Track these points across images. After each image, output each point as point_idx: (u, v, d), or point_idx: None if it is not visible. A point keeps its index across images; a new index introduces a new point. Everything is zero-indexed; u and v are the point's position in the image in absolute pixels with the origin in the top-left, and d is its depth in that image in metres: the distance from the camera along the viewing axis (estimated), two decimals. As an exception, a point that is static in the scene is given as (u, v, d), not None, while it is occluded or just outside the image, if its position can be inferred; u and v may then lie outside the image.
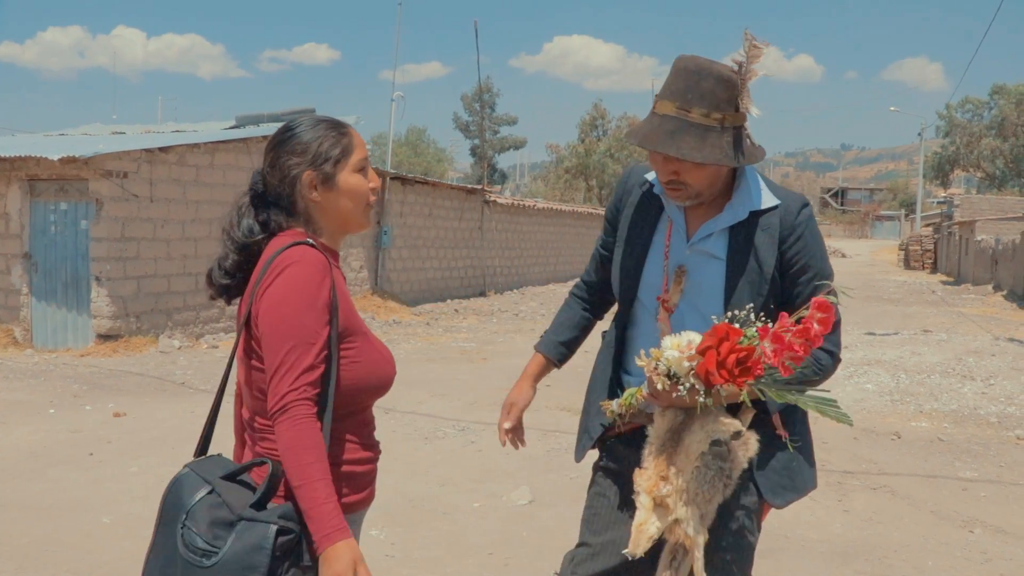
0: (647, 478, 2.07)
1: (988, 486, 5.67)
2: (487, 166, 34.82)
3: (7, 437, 6.54)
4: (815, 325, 1.89)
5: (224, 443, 2.08)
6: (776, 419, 2.19)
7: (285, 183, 1.94)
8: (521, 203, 25.01)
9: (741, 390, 1.94)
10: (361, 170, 1.98)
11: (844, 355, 9.04)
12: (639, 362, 2.09)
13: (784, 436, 2.20)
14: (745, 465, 2.10)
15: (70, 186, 11.14)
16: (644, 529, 2.05)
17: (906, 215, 67.13)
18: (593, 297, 2.58)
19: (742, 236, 2.17)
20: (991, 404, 8.20)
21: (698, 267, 2.20)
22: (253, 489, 1.81)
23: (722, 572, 2.17)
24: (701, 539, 2.05)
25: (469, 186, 22.42)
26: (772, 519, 4.93)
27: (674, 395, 2.01)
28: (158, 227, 11.66)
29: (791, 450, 2.21)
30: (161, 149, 11.68)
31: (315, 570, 1.74)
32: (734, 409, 2.13)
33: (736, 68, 2.05)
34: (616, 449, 2.38)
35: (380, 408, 7.85)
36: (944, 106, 53.01)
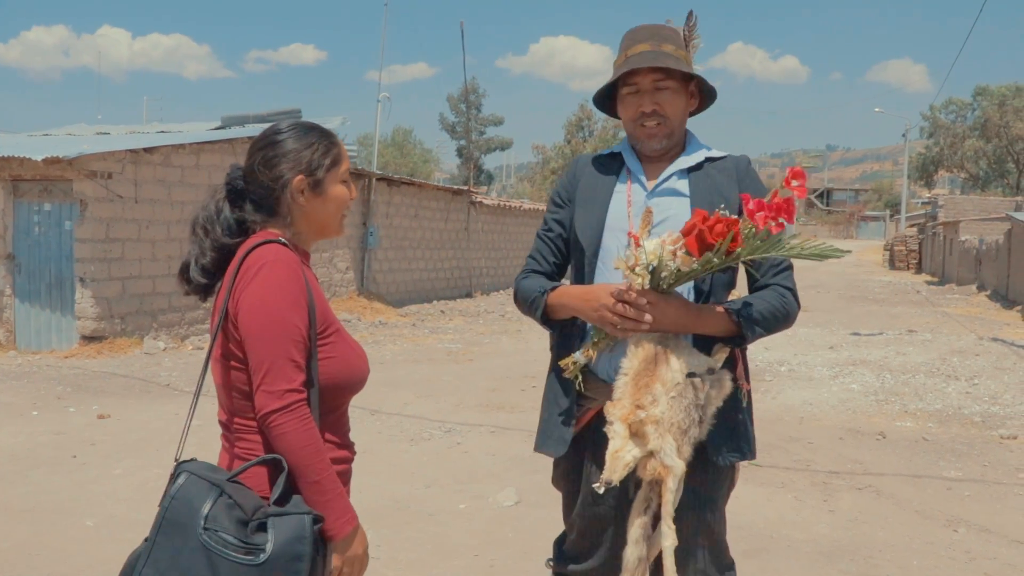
0: (622, 407, 2.08)
1: (972, 485, 5.70)
2: (473, 167, 34.83)
3: (-11, 440, 6.48)
4: (793, 193, 2.03)
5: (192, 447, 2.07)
6: (740, 369, 2.26)
7: (276, 185, 1.97)
8: (507, 204, 25.01)
9: (734, 253, 2.03)
10: (345, 180, 2.04)
11: (829, 355, 9.07)
12: (616, 263, 2.17)
13: (745, 387, 2.26)
14: (719, 403, 2.16)
15: (54, 187, 11.07)
16: (620, 456, 2.04)
17: (891, 215, 67.53)
18: (548, 277, 2.48)
19: (702, 176, 2.34)
20: (975, 404, 8.25)
21: (664, 205, 2.31)
22: (247, 488, 1.84)
23: (698, 534, 2.26)
24: (678, 469, 2.06)
25: (455, 187, 22.39)
26: (757, 519, 4.94)
27: (664, 284, 2.09)
28: (143, 228, 11.60)
29: (745, 404, 2.29)
30: (146, 150, 11.62)
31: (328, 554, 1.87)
32: (707, 349, 2.20)
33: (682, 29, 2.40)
34: (574, 458, 2.38)
35: (366, 410, 7.80)
36: (928, 107, 53.37)
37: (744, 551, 4.48)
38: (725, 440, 2.25)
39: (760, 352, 11.39)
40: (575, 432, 2.33)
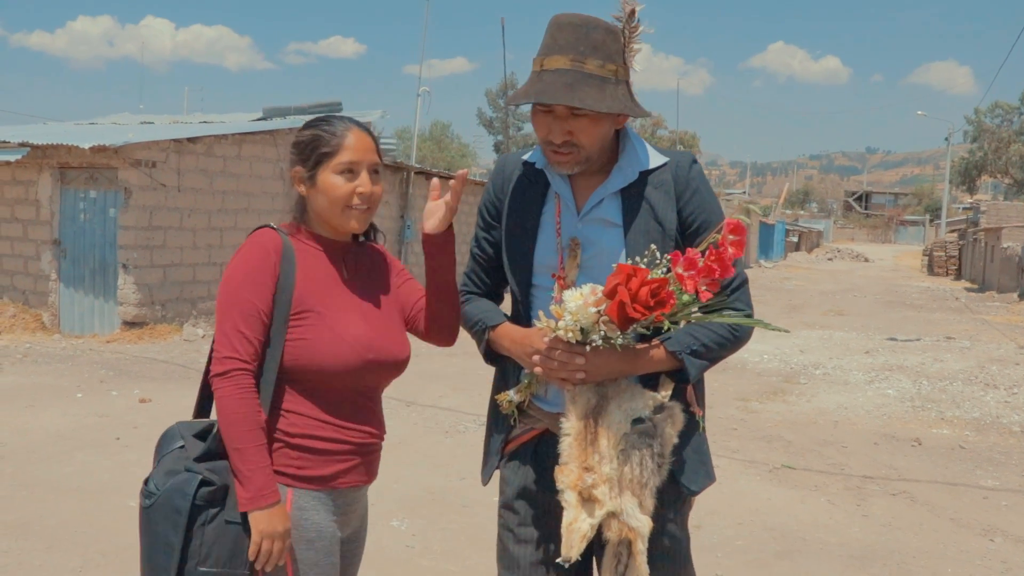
0: (568, 472, 1.90)
1: (1010, 495, 5.65)
2: (510, 162, 34.87)
3: (36, 419, 6.66)
4: (729, 249, 1.83)
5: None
6: (690, 393, 2.07)
7: (286, 175, 2.11)
8: (544, 200, 24.98)
9: (661, 323, 1.84)
10: (346, 172, 2.02)
11: (865, 360, 8.95)
12: (538, 324, 1.96)
13: (698, 413, 2.08)
14: (676, 440, 1.97)
15: (100, 174, 11.28)
16: (575, 528, 1.87)
17: (931, 220, 66.62)
18: (490, 297, 2.34)
19: (636, 198, 2.06)
20: (1014, 413, 8.16)
21: (594, 237, 2.06)
22: (201, 443, 1.99)
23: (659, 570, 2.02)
24: (645, 528, 1.88)
25: (492, 182, 22.44)
26: (790, 521, 4.94)
27: (588, 348, 1.88)
28: (185, 216, 11.78)
29: (701, 430, 2.10)
30: (189, 139, 11.80)
31: (243, 528, 1.89)
32: (652, 384, 2.01)
33: (618, 23, 1.98)
34: (517, 472, 2.19)
35: (401, 402, 7.86)
36: (973, 111, 52.44)
37: (776, 552, 4.50)
38: (695, 470, 2.09)
39: (795, 355, 11.34)
40: (514, 448, 2.19)
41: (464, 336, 2.30)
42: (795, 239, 52.89)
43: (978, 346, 12.88)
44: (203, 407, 2.14)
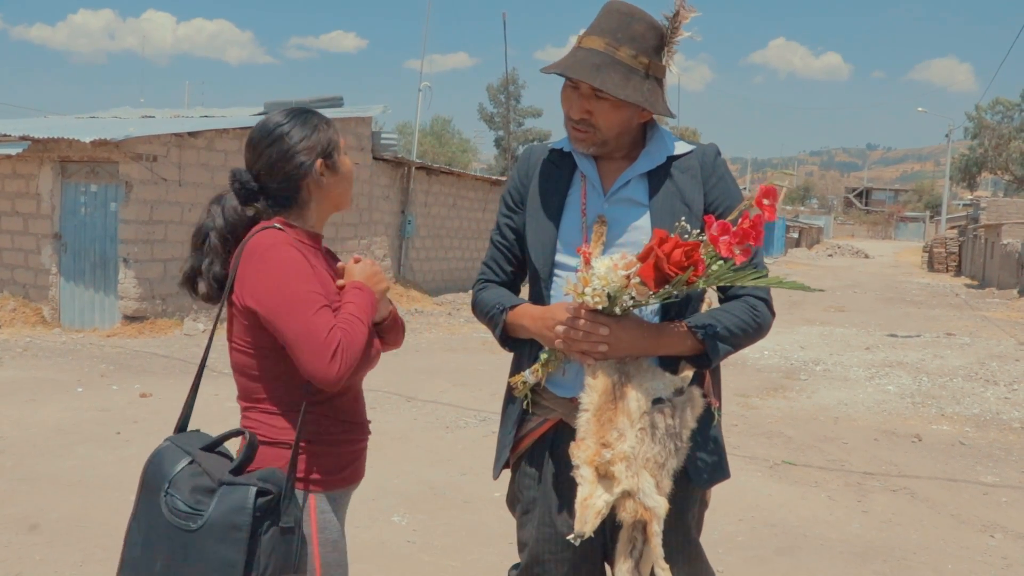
0: (586, 447, 1.88)
1: (1010, 491, 5.66)
2: (511, 158, 34.82)
3: (37, 414, 6.66)
4: (762, 211, 1.83)
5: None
6: (707, 384, 2.06)
7: (298, 174, 2.02)
8: (544, 195, 24.91)
9: (695, 284, 1.83)
10: (346, 153, 2.14)
11: (865, 356, 8.94)
12: (566, 289, 1.95)
13: (714, 404, 2.07)
14: (693, 425, 1.97)
15: (101, 168, 11.28)
16: (590, 504, 1.84)
17: (931, 217, 66.62)
18: (507, 287, 2.33)
19: (662, 181, 2.09)
20: (1014, 409, 8.16)
21: (620, 217, 2.08)
22: (230, 459, 1.93)
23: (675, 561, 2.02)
24: (661, 509, 1.87)
25: (493, 177, 22.42)
26: (790, 517, 4.94)
27: (618, 309, 1.88)
28: (185, 211, 11.77)
29: (716, 421, 2.09)
30: (190, 134, 11.79)
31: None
32: (672, 370, 2.01)
33: (666, 22, 2.03)
34: (529, 473, 2.19)
35: (402, 397, 7.85)
36: (973, 107, 52.29)
37: (777, 548, 4.51)
38: (709, 464, 2.08)
39: (795, 351, 11.34)
40: (528, 445, 2.19)
41: (465, 332, 2.30)
42: (795, 235, 52.87)
43: (978, 342, 12.89)
44: (187, 419, 2.13)
